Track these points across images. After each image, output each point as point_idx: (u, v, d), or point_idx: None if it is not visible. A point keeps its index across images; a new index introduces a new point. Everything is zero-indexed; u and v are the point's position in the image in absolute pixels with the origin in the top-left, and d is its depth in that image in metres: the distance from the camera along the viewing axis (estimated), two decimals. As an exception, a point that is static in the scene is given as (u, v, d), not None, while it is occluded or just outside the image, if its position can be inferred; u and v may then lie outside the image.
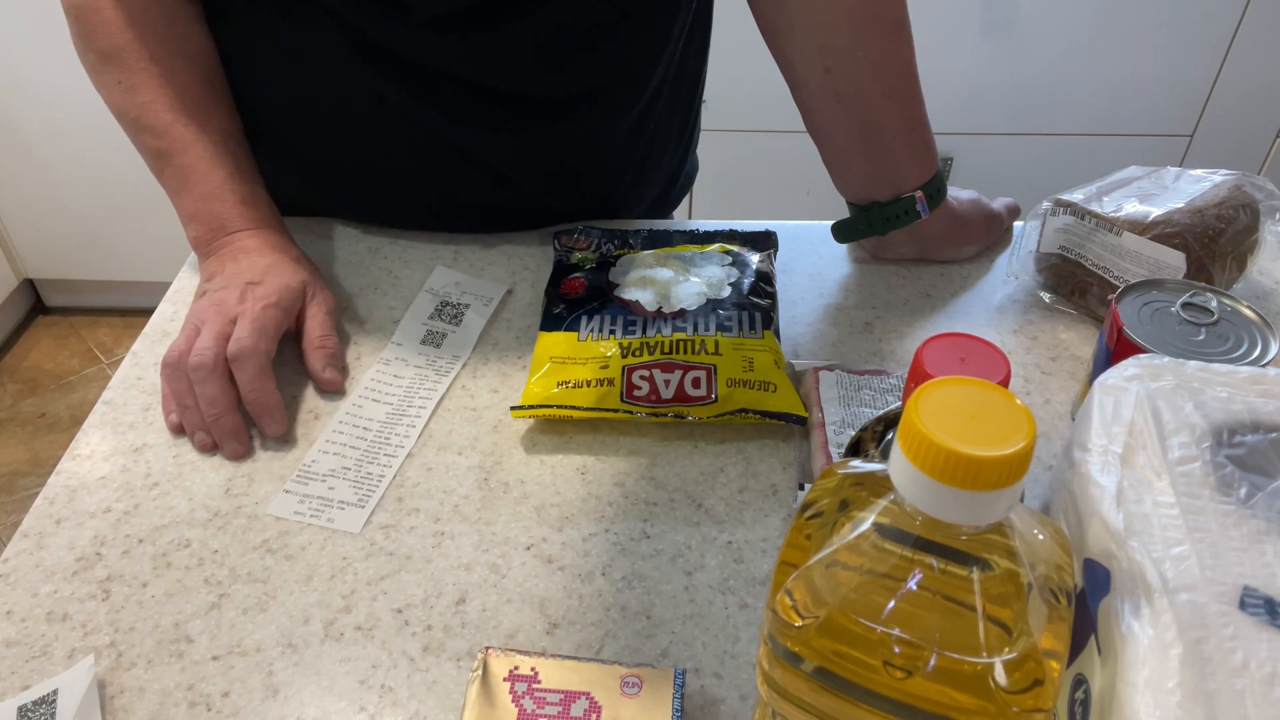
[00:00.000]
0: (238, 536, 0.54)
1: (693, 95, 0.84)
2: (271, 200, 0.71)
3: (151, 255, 2.02)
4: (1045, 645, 0.30)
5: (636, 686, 0.44)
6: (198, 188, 0.67)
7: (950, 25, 1.63)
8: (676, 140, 0.85)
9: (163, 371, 0.60)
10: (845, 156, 0.72)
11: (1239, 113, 1.73)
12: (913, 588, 0.30)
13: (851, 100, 0.69)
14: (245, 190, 0.68)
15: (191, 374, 0.59)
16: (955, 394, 0.29)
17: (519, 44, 0.67)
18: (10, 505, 1.74)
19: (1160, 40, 1.65)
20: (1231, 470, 0.38)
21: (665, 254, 0.71)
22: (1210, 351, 0.52)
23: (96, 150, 1.87)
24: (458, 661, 0.48)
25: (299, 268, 0.66)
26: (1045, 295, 0.72)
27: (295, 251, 0.68)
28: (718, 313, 0.64)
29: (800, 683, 0.32)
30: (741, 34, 0.78)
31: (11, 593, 0.51)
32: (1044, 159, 1.78)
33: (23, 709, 0.45)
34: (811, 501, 0.34)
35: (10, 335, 2.11)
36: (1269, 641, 0.32)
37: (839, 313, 0.71)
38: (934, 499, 0.29)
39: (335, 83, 0.70)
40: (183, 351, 0.60)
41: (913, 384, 0.40)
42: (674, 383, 0.59)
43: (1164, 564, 0.35)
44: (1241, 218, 0.64)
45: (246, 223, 0.67)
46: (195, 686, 0.47)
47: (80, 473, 0.58)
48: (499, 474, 0.58)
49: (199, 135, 0.67)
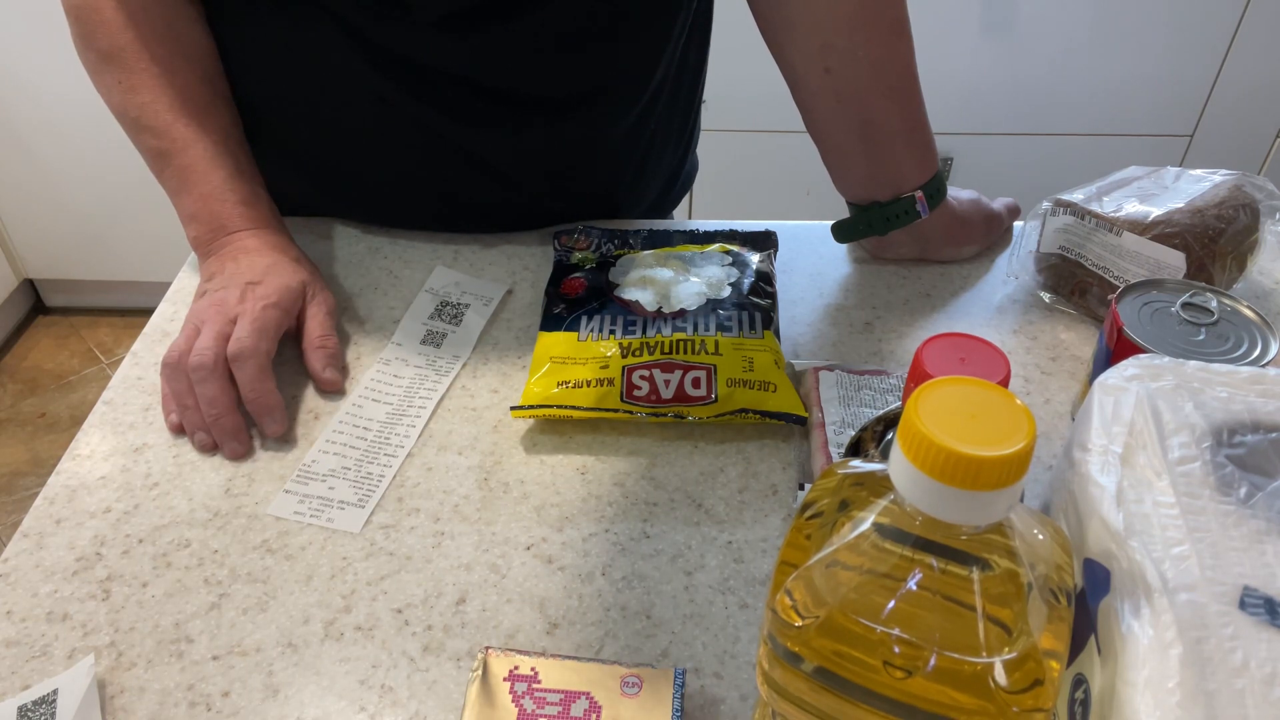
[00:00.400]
0: (238, 536, 0.54)
1: (693, 95, 0.84)
2: (271, 200, 0.71)
3: (151, 255, 2.02)
4: (1045, 645, 0.30)
5: (636, 686, 0.44)
6: (198, 188, 0.67)
7: (950, 25, 1.63)
8: (676, 140, 0.85)
9: (162, 372, 0.60)
10: (845, 156, 0.72)
11: (1239, 113, 1.73)
12: (913, 588, 0.30)
13: (852, 100, 0.69)
14: (245, 190, 0.68)
15: (191, 374, 0.59)
16: (955, 394, 0.29)
17: (519, 43, 0.67)
18: (10, 505, 1.74)
19: (1160, 40, 1.65)
20: (1231, 470, 0.38)
21: (665, 254, 0.71)
22: (1210, 351, 0.52)
23: (96, 150, 1.87)
24: (458, 661, 0.48)
25: (299, 268, 0.66)
26: (1045, 295, 0.72)
27: (295, 251, 0.68)
28: (718, 313, 0.64)
29: (800, 683, 0.32)
30: (741, 34, 0.78)
31: (11, 593, 0.51)
32: (1044, 159, 1.78)
33: (23, 709, 0.45)
34: (811, 501, 0.34)
35: (10, 335, 2.11)
36: (1269, 641, 0.32)
37: (839, 313, 0.71)
38: (934, 499, 0.29)
39: (335, 82, 0.70)
40: (183, 351, 0.60)
41: (913, 384, 0.40)
42: (674, 383, 0.59)
43: (1164, 564, 0.35)
44: (1241, 218, 0.64)
45: (246, 223, 0.67)
46: (195, 686, 0.47)
47: (80, 473, 0.58)
48: (499, 474, 0.58)
49: (199, 135, 0.67)
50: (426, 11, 0.65)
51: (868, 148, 0.70)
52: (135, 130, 0.68)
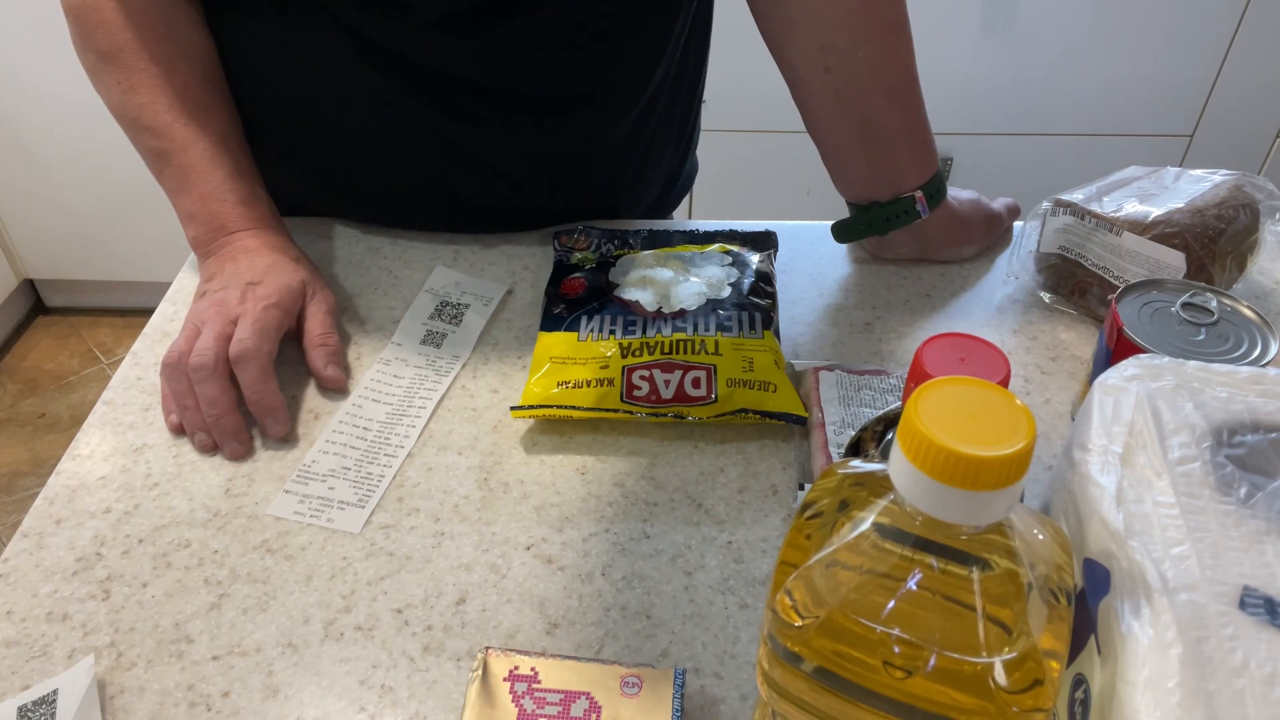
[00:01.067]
0: (238, 536, 0.54)
1: (692, 95, 0.84)
2: (271, 200, 0.71)
3: (151, 255, 2.02)
4: (1045, 645, 0.30)
5: (636, 686, 0.44)
6: (197, 188, 0.67)
7: (950, 25, 1.63)
8: (676, 140, 0.85)
9: (162, 372, 0.60)
10: (845, 156, 0.72)
11: (1239, 113, 1.73)
12: (913, 588, 0.30)
13: (852, 100, 0.69)
14: (245, 190, 0.68)
15: (192, 374, 0.59)
16: (955, 394, 0.29)
17: (519, 43, 0.67)
18: (10, 505, 1.74)
19: (1160, 40, 1.65)
20: (1231, 470, 0.38)
21: (665, 254, 0.71)
22: (1210, 351, 0.52)
23: (96, 150, 1.87)
24: (458, 661, 0.48)
25: (299, 267, 0.66)
26: (1045, 295, 0.72)
27: (295, 251, 0.68)
28: (718, 313, 0.64)
29: (800, 683, 0.32)
30: (741, 34, 0.77)
31: (11, 593, 0.51)
32: (1044, 159, 1.78)
33: (23, 709, 0.45)
34: (811, 501, 0.34)
35: (10, 335, 2.11)
36: (1269, 641, 0.32)
37: (839, 313, 0.71)
38: (934, 499, 0.29)
39: (335, 83, 0.70)
40: (183, 352, 0.60)
41: (913, 384, 0.40)
42: (674, 383, 0.59)
43: (1164, 564, 0.35)
44: (1241, 218, 0.64)
45: (246, 223, 0.67)
46: (195, 686, 0.47)
47: (80, 473, 0.58)
48: (499, 474, 0.58)
49: (198, 135, 0.67)
50: (427, 11, 0.65)
51: (868, 147, 0.70)
52: (134, 130, 0.68)
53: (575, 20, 0.67)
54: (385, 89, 0.69)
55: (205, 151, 0.67)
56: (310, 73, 0.70)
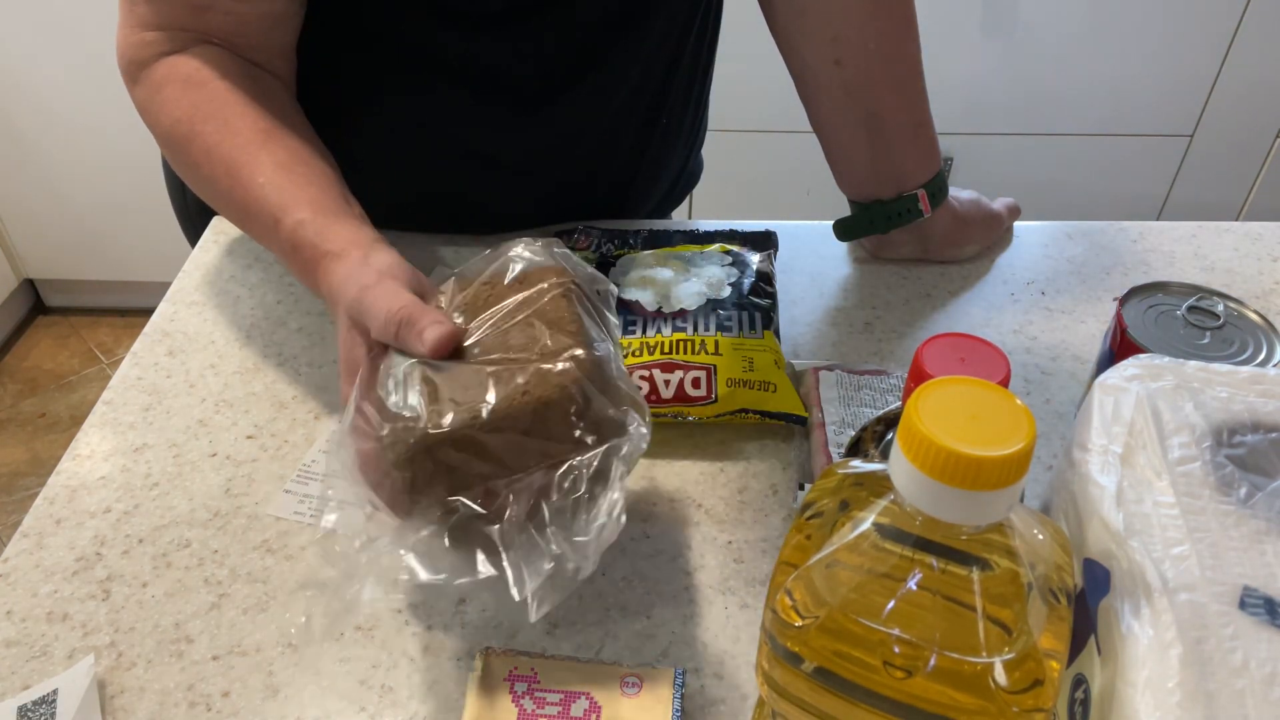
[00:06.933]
0: (238, 536, 0.54)
1: (702, 92, 0.84)
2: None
3: (151, 255, 2.02)
4: (1045, 645, 0.30)
5: (636, 686, 0.44)
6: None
7: (950, 25, 1.63)
8: (687, 137, 0.84)
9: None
10: (850, 151, 0.72)
11: (1239, 113, 1.73)
12: (913, 588, 0.30)
13: (860, 92, 0.68)
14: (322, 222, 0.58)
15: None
16: (955, 394, 0.29)
17: (559, 31, 0.66)
18: (10, 505, 1.74)
19: (1160, 40, 1.65)
20: (1231, 470, 0.38)
21: (665, 254, 0.70)
22: (1215, 356, 0.52)
23: (96, 150, 1.87)
24: (458, 661, 0.48)
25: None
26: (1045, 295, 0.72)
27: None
28: (718, 313, 0.64)
29: (800, 683, 0.32)
30: (742, 34, 0.78)
31: (11, 593, 0.51)
32: (1044, 159, 1.78)
33: (23, 709, 0.45)
34: (811, 501, 0.34)
35: (10, 335, 2.11)
36: (1269, 641, 0.32)
37: (839, 313, 0.71)
38: (934, 499, 0.29)
39: (360, 89, 0.69)
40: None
41: (913, 384, 0.40)
42: (674, 383, 0.59)
43: (1164, 564, 0.35)
44: None
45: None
46: (195, 686, 0.47)
47: (80, 473, 0.58)
48: (499, 474, 0.58)
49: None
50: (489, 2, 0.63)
51: (873, 141, 0.70)
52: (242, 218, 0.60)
53: (604, 9, 0.66)
54: (415, 88, 0.68)
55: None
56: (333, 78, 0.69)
